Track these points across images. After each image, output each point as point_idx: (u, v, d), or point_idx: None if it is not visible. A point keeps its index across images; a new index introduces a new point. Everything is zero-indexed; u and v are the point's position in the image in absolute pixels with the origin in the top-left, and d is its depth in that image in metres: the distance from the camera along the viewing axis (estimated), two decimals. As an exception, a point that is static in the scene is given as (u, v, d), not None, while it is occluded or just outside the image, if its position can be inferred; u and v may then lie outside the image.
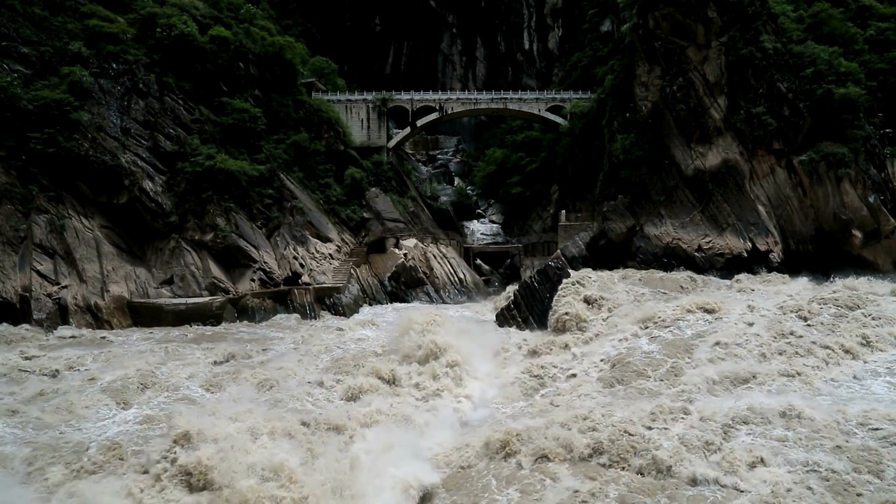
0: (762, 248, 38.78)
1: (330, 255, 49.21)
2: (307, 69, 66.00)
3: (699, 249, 39.62)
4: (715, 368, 19.41)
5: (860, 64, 42.02)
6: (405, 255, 52.18)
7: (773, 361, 19.87)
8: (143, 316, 37.38)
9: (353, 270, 48.02)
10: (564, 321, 26.86)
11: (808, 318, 22.93)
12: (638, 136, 42.99)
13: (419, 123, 64.58)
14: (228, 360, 25.81)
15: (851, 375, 18.92)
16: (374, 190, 57.09)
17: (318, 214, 51.12)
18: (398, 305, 47.01)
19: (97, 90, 41.40)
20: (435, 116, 64.23)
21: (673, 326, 23.80)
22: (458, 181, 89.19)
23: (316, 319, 40.42)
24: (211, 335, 33.29)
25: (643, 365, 20.61)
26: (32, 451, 15.01)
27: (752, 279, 34.93)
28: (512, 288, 39.89)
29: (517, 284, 39.05)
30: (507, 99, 64.32)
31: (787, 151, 39.83)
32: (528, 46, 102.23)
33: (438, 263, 54.06)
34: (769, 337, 21.48)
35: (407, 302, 49.08)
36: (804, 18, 45.18)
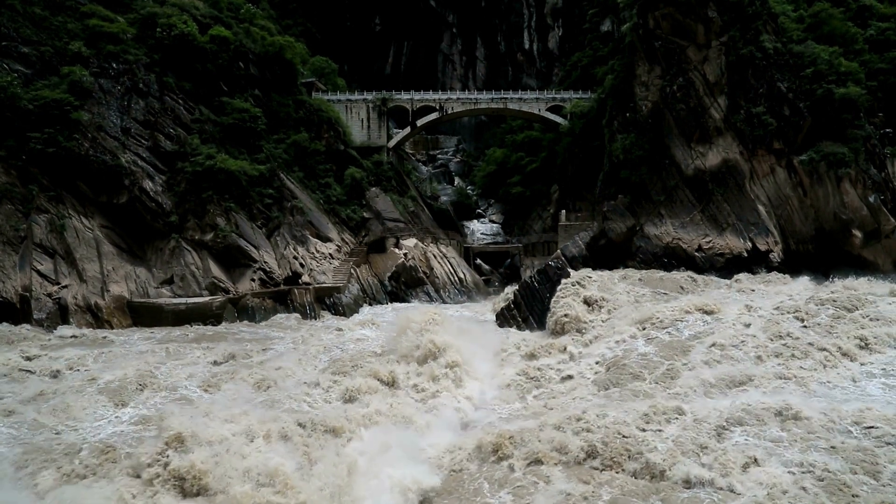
0: (762, 247, 38.76)
1: (330, 254, 49.24)
2: (307, 69, 66.02)
3: (699, 249, 39.60)
4: (711, 371, 19.28)
5: (860, 64, 42.03)
6: (405, 254, 52.21)
7: (768, 363, 19.74)
8: (143, 316, 37.42)
9: (353, 270, 48.04)
10: (563, 323, 26.47)
11: (805, 319, 22.72)
12: (638, 135, 42.97)
13: (419, 123, 64.59)
14: (228, 360, 25.66)
15: (848, 378, 18.71)
16: (374, 190, 57.12)
17: (318, 214, 51.16)
18: (398, 305, 47.00)
19: (97, 90, 41.46)
20: (435, 116, 64.23)
21: (671, 328, 23.64)
22: (458, 181, 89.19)
23: (316, 319, 40.40)
24: (211, 335, 33.23)
25: (639, 367, 20.48)
26: (24, 452, 14.78)
27: (752, 279, 34.79)
28: (512, 288, 39.84)
29: (517, 284, 38.98)
30: (507, 99, 64.29)
31: (787, 151, 39.80)
32: (528, 46, 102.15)
33: (438, 263, 54.07)
34: (766, 338, 21.29)
35: (407, 302, 49.13)
36: (804, 18, 45.18)
